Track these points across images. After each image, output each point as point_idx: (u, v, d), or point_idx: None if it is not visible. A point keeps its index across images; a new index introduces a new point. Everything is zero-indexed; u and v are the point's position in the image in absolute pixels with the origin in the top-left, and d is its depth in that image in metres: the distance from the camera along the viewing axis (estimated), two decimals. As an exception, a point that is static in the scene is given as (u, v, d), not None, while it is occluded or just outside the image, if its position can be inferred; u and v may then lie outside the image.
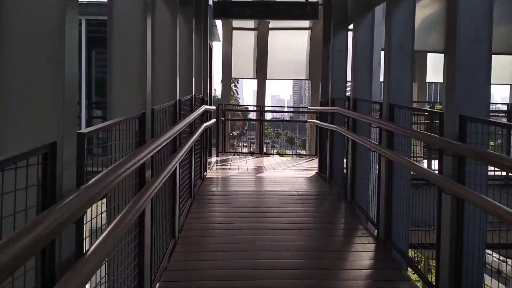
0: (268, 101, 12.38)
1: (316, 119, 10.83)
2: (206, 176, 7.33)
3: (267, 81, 12.24)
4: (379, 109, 4.56)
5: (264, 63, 12.09)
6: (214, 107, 7.63)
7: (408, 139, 3.95)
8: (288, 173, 8.01)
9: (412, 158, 3.94)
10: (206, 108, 6.08)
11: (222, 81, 12.05)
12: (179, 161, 3.87)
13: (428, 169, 3.66)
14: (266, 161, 10.09)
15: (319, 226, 4.69)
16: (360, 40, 5.58)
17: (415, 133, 3.72)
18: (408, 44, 4.24)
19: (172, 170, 3.49)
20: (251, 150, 15.47)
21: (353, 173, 5.51)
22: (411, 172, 3.92)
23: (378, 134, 4.49)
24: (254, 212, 5.14)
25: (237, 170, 8.26)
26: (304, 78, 12.38)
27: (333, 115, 6.76)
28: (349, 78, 6.84)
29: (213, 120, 7.61)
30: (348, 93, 6.86)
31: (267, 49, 12.10)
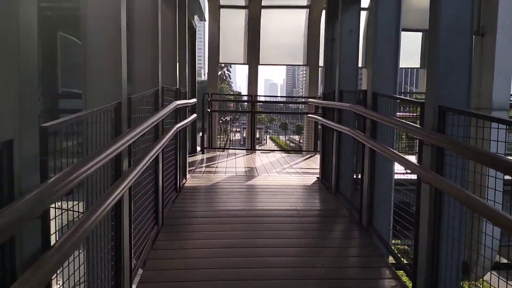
0: (261, 87, 10.98)
1: (316, 112, 9.55)
2: (185, 185, 6.01)
3: (259, 66, 10.85)
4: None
5: (256, 47, 10.68)
6: (193, 100, 6.26)
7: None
8: (284, 178, 6.70)
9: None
10: (178, 105, 4.73)
11: (209, 67, 10.64)
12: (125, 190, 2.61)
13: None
14: (259, 160, 8.78)
15: (330, 273, 3.41)
16: (383, 17, 4.23)
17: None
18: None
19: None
20: (244, 135, 14.12)
21: (371, 190, 4.23)
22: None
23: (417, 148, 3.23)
24: (241, 248, 3.84)
25: (223, 173, 6.94)
26: (301, 63, 11.00)
27: (340, 112, 5.44)
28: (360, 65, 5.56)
29: (192, 117, 6.25)
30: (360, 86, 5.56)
31: (259, 31, 10.67)
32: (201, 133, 9.84)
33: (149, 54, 4.09)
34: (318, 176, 6.73)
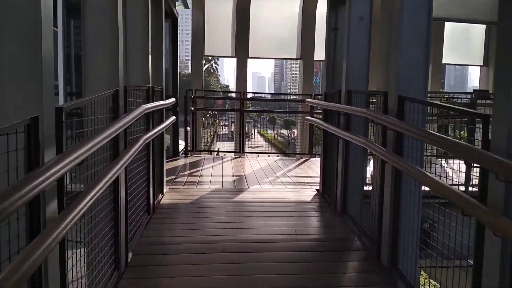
0: (248, 80, 9.99)
1: (311, 111, 8.61)
2: (162, 202, 5.04)
3: (249, 60, 9.87)
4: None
5: (245, 39, 9.68)
6: (170, 101, 5.26)
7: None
8: (279, 191, 5.76)
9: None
10: (147, 109, 3.73)
11: (193, 60, 9.61)
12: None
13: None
14: (248, 165, 7.83)
15: None
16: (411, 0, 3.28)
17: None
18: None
19: None
20: (232, 129, 13.26)
21: (394, 221, 3.31)
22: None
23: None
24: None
25: (207, 185, 5.97)
26: (295, 57, 10.04)
27: (349, 117, 4.52)
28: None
29: (170, 120, 5.24)
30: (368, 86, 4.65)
31: (248, 21, 9.68)
32: (185, 134, 8.84)
33: (106, 45, 3.09)
34: (317, 188, 5.81)
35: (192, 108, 8.65)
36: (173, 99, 5.40)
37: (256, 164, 7.98)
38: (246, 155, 9.00)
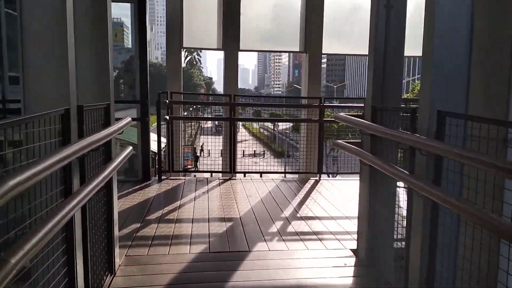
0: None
1: (320, 120, 6.65)
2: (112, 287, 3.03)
3: (240, 53, 7.82)
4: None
5: (235, 29, 7.62)
6: (125, 122, 3.19)
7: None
8: (297, 258, 3.78)
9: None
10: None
11: (168, 54, 7.52)
12: None
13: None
14: (243, 195, 5.84)
15: None
16: None
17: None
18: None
19: None
20: (216, 123, 11.38)
21: None
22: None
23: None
24: None
25: (187, 245, 3.96)
26: (298, 50, 8.03)
27: (438, 161, 2.55)
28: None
29: (115, 164, 3.13)
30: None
31: (239, 7, 7.62)
32: (158, 152, 6.76)
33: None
34: (354, 249, 3.86)
35: (167, 117, 6.57)
36: (128, 120, 3.34)
37: (252, 191, 6.00)
38: (238, 177, 7.00)
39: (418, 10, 5.78)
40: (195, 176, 7.19)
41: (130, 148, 3.34)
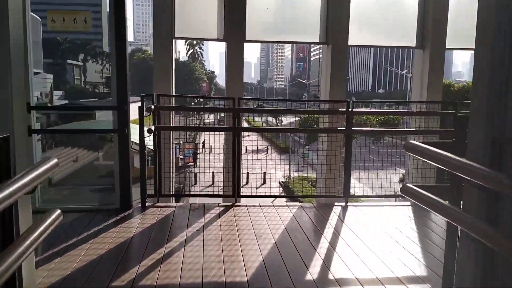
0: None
1: (347, 124, 5.12)
2: None
3: (245, 44, 6.30)
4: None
5: (240, 13, 6.10)
6: (40, 171, 1.69)
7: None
8: None
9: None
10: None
11: (155, 46, 6.00)
12: None
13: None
14: (250, 237, 4.35)
15: None
16: None
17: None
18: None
19: None
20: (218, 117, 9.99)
21: None
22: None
23: None
24: None
25: None
26: (318, 41, 6.49)
27: None
28: None
29: None
30: None
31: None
32: (141, 171, 5.26)
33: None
34: None
35: (153, 128, 5.07)
36: (42, 168, 1.85)
37: (262, 228, 4.52)
38: (243, 203, 5.52)
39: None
40: (187, 200, 5.70)
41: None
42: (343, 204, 5.60)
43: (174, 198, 5.84)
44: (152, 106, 5.06)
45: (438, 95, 6.47)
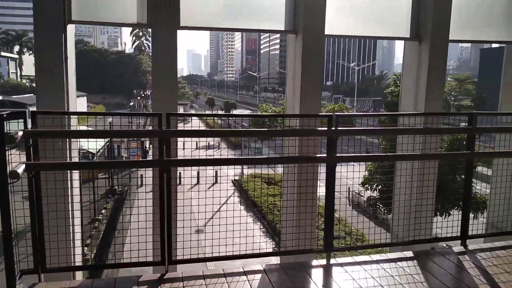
0: (182, 59, 4.39)
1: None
2: None
3: (186, 33, 4.37)
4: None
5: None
6: None
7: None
8: None
9: None
10: None
11: (36, 37, 3.95)
12: None
13: None
14: None
15: None
16: None
17: None
18: None
19: None
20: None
21: None
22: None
23: None
24: None
25: None
26: (283, 28, 4.70)
27: None
28: None
29: None
30: None
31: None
32: (4, 237, 3.19)
33: None
34: None
35: (20, 169, 3.03)
36: None
37: None
38: (180, 274, 3.63)
39: None
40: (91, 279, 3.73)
41: None
42: (324, 262, 3.90)
43: (75, 272, 3.84)
44: (20, 133, 3.03)
45: (438, 103, 4.92)
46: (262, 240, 17.45)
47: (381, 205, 15.04)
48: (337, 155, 3.78)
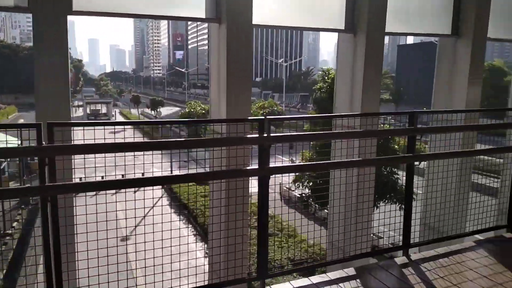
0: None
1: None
2: None
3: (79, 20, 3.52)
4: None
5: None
6: None
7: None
8: None
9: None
10: None
11: None
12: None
13: None
14: None
15: None
16: None
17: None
18: None
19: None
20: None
21: None
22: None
23: None
24: None
25: None
26: (203, 16, 3.99)
27: None
28: None
29: None
30: None
31: None
32: None
33: None
34: None
35: None
36: None
37: None
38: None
39: None
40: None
41: None
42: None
43: None
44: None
45: (376, 97, 4.53)
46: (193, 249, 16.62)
47: (313, 202, 14.96)
48: (271, 165, 3.18)
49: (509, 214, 4.53)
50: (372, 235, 4.52)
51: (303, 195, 16.32)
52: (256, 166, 3.15)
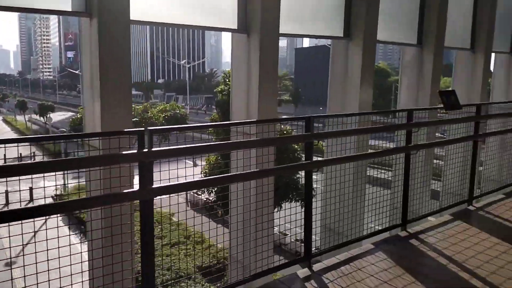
0: None
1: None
2: None
3: None
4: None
5: None
6: None
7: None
8: None
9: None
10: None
11: None
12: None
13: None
14: None
15: None
16: None
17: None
18: None
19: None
20: None
21: None
22: None
23: None
24: None
25: None
26: (75, 10, 3.35)
27: None
28: None
29: None
30: None
31: None
32: None
33: None
34: None
35: None
36: None
37: None
38: None
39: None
40: None
41: None
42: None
43: None
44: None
45: (273, 100, 4.30)
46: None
47: (218, 207, 14.63)
48: (154, 186, 2.71)
49: (403, 212, 4.62)
50: (278, 233, 4.31)
51: (209, 200, 15.91)
52: (136, 188, 2.66)
